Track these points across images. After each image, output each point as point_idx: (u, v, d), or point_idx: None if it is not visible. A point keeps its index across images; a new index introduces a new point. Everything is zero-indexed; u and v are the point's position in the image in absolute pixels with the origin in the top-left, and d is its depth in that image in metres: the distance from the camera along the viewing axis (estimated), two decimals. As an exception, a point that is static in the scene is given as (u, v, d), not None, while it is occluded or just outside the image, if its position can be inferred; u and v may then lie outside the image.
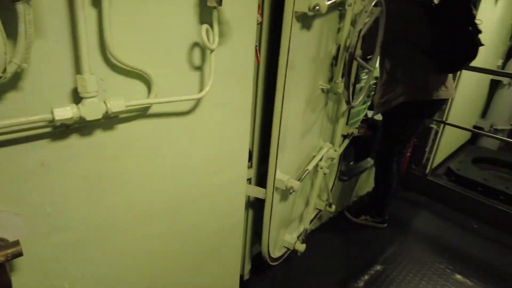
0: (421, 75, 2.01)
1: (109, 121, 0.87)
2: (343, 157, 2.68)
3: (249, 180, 1.66)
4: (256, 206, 1.75)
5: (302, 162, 1.76)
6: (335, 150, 1.94)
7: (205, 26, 0.94)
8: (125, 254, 1.06)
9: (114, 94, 0.84)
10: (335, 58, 1.68)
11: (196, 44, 1.01)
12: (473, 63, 2.28)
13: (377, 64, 2.34)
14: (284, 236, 1.88)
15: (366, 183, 2.98)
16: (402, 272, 2.24)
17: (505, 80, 3.89)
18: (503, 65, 3.92)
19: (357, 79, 2.54)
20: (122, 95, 0.83)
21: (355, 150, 2.78)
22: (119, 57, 0.81)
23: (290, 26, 1.25)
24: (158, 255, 1.17)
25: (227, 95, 1.18)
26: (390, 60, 2.12)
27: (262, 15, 1.37)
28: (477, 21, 1.85)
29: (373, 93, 2.84)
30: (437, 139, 3.03)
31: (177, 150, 1.09)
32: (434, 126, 2.93)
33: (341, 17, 1.62)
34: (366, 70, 2.47)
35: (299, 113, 1.58)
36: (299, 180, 1.55)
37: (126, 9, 0.81)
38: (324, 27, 1.53)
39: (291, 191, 1.49)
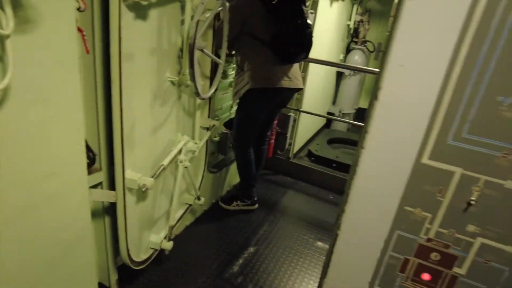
0: (264, 66, 2.15)
1: None
2: (220, 150, 2.74)
3: (100, 184, 1.52)
4: (113, 212, 1.62)
5: (158, 158, 1.70)
6: (196, 143, 1.94)
7: (-10, 7, 0.80)
8: None
9: None
10: (182, 50, 1.68)
11: (-13, 30, 0.85)
12: (321, 57, 2.60)
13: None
14: (150, 237, 1.80)
15: (237, 172, 3.11)
16: (273, 250, 2.43)
17: (347, 71, 4.60)
18: (344, 59, 4.63)
19: (225, 74, 2.62)
20: None
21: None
22: None
23: (118, 14, 1.18)
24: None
25: (46, 90, 1.03)
26: (239, 53, 2.24)
27: (90, 3, 1.26)
28: (306, 15, 2.06)
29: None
30: (295, 126, 3.37)
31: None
32: (292, 114, 3.25)
33: (183, 9, 1.62)
34: (233, 65, 2.57)
35: (147, 107, 1.52)
36: (153, 176, 1.50)
37: None
38: (164, 18, 1.50)
39: (143, 189, 1.42)
